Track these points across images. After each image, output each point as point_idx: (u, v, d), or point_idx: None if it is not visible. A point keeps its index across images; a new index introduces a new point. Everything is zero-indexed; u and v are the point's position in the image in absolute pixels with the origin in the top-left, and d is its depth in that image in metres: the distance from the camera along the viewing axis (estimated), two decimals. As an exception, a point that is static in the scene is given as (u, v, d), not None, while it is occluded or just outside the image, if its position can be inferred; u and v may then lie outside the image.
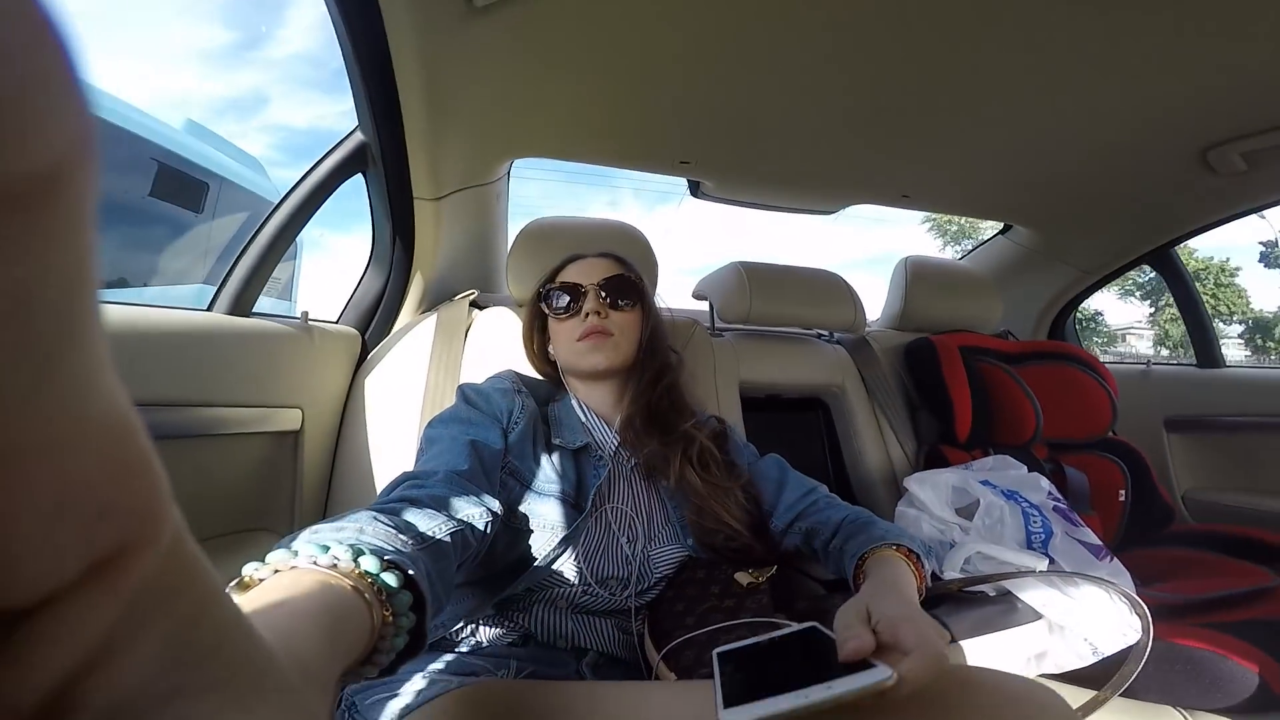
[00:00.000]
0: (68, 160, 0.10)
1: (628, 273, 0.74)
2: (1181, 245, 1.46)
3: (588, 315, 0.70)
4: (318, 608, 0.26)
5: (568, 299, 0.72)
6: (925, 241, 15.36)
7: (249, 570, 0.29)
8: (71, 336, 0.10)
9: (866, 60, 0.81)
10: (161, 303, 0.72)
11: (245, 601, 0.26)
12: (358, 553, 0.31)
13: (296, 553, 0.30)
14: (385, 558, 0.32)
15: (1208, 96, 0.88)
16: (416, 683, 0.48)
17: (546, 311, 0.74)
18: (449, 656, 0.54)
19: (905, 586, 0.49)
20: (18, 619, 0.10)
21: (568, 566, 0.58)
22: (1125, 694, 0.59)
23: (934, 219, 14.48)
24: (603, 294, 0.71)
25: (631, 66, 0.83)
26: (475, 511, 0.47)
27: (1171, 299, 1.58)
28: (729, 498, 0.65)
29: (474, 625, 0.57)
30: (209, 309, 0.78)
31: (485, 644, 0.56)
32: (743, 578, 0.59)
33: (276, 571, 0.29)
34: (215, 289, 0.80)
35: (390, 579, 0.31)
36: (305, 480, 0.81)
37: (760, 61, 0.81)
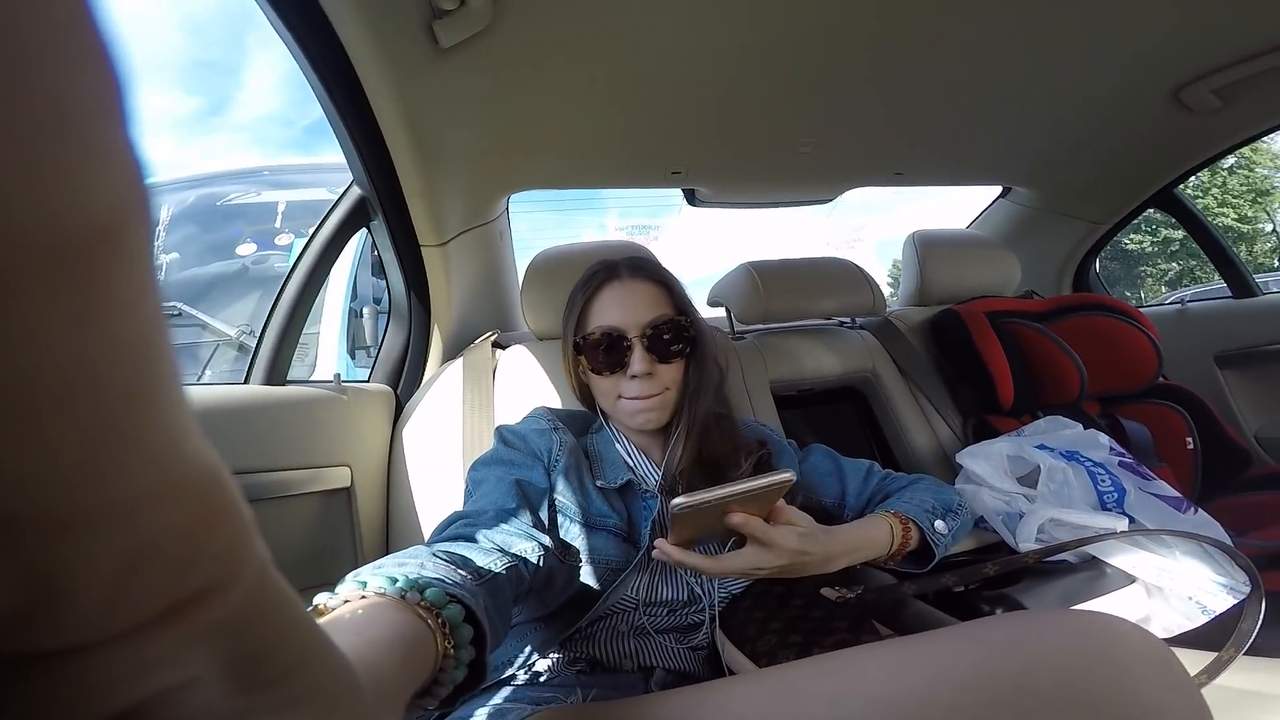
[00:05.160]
0: (121, 209, 0.09)
1: (675, 313, 0.63)
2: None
3: (634, 376, 0.60)
4: (391, 634, 0.27)
5: (609, 353, 0.61)
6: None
7: (321, 599, 0.30)
8: (146, 403, 0.10)
9: (847, 36, 0.81)
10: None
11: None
12: (424, 585, 0.31)
13: (365, 584, 0.30)
14: (448, 591, 0.32)
15: (1170, 36, 0.90)
16: (485, 714, 0.47)
17: (585, 365, 0.64)
18: (519, 687, 0.53)
19: (846, 531, 0.57)
20: (83, 648, 0.10)
21: (627, 596, 0.58)
22: (1246, 651, 0.55)
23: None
24: (649, 347, 0.60)
25: (607, 85, 0.84)
26: (527, 546, 0.48)
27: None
28: None
29: (539, 657, 0.56)
30: (245, 381, 0.79)
31: (552, 674, 0.55)
32: (829, 592, 0.55)
33: (347, 601, 0.29)
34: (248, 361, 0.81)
35: (454, 611, 0.32)
36: (364, 531, 0.82)
37: (739, 54, 0.82)
